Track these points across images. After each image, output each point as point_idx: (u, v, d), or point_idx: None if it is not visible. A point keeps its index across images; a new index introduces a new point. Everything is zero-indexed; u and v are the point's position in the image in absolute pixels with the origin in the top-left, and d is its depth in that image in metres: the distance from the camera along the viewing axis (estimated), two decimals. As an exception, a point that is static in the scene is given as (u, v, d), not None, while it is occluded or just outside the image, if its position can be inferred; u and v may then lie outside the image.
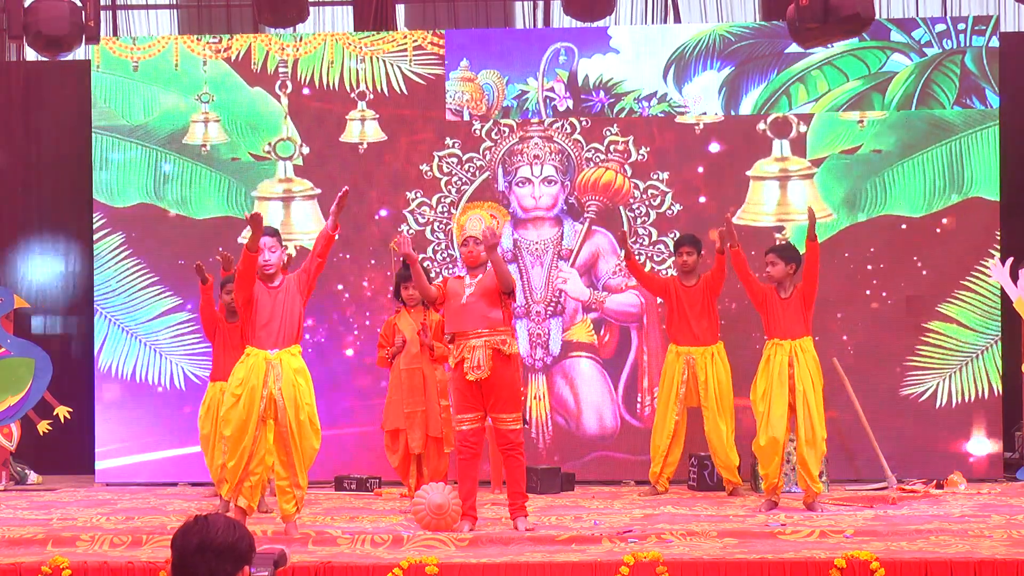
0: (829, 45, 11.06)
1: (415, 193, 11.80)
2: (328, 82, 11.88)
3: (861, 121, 11.55)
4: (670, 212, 11.68)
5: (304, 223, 11.89)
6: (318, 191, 11.85)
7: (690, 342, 10.66)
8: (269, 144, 11.91)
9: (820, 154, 11.59)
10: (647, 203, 11.70)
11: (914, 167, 11.54)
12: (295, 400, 8.37)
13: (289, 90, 11.92)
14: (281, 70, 11.94)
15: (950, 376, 11.46)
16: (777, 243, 10.87)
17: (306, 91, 11.87)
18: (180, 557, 4.10)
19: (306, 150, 11.88)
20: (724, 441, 10.52)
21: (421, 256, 11.45)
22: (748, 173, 11.66)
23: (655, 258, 11.67)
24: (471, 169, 11.75)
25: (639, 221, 11.70)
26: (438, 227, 11.82)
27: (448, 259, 11.73)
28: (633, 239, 11.64)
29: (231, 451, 8.35)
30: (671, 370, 10.71)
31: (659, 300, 11.29)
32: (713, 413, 10.56)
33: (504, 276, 8.53)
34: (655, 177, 11.69)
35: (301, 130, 11.88)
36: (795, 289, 9.60)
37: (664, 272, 11.55)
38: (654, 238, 11.70)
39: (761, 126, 11.62)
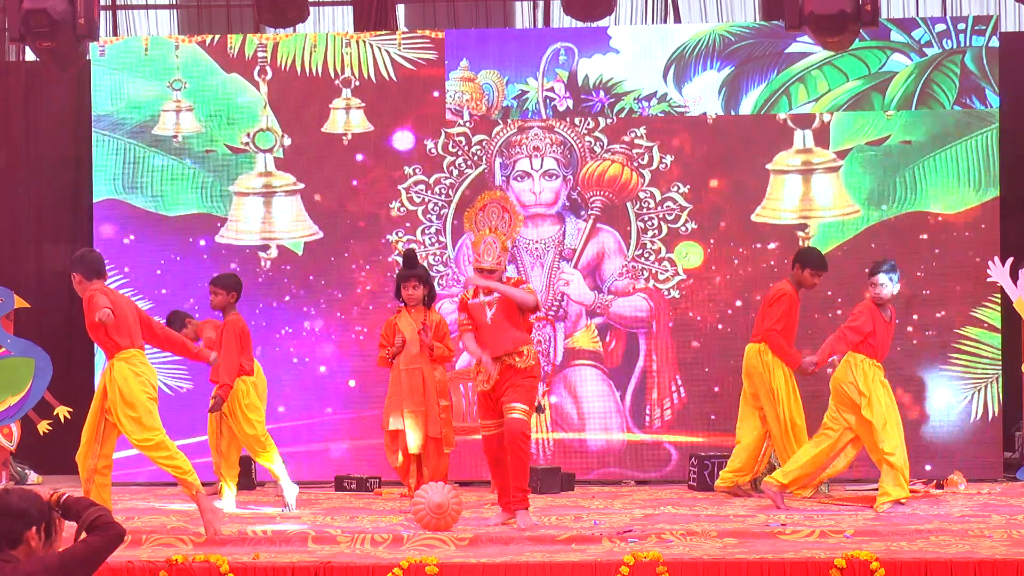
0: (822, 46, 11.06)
1: (414, 168, 11.65)
2: (311, 67, 11.76)
3: (888, 111, 11.49)
4: (684, 230, 11.57)
5: (285, 220, 11.70)
6: (301, 186, 11.71)
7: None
8: (247, 135, 11.77)
9: (844, 145, 11.48)
10: (661, 215, 11.57)
11: (946, 160, 11.46)
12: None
13: (268, 76, 11.74)
14: (260, 55, 11.73)
15: (986, 386, 11.35)
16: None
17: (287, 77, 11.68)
18: None
19: (288, 141, 11.73)
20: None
21: (414, 245, 11.39)
22: (768, 166, 11.56)
23: (659, 276, 11.55)
24: (473, 157, 11.66)
25: (650, 234, 11.56)
26: (432, 208, 11.69)
27: (439, 244, 11.64)
28: (639, 251, 11.51)
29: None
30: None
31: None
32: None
33: (522, 301, 8.64)
34: (675, 189, 11.57)
35: (281, 120, 11.69)
36: (892, 311, 9.73)
37: (667, 293, 11.43)
38: (662, 255, 11.57)
39: (782, 116, 11.52)
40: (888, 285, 9.54)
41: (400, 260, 11.02)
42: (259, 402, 10.12)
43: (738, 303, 11.45)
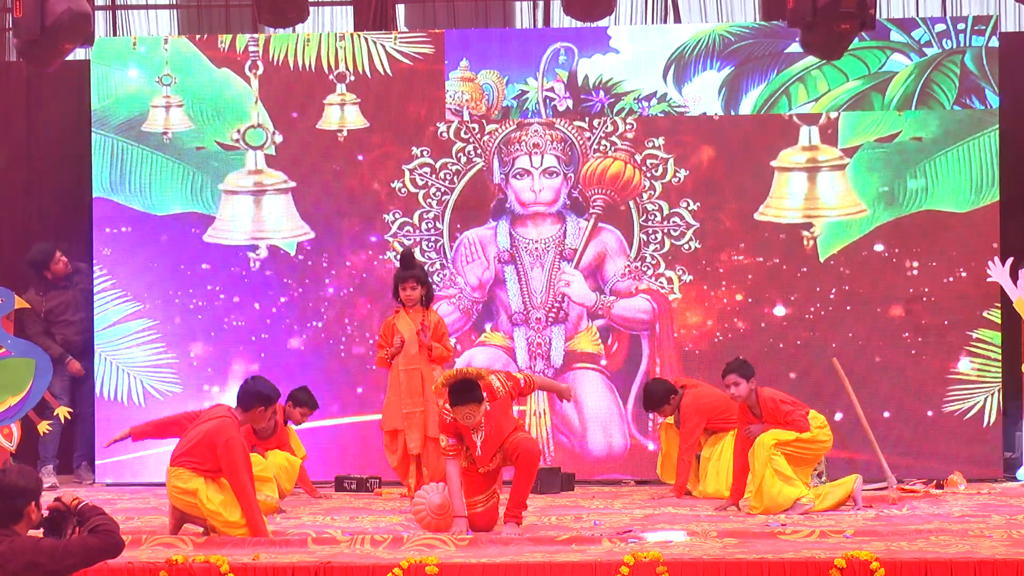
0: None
1: (422, 151, 11.58)
2: (304, 62, 11.71)
3: (901, 109, 11.47)
4: (687, 248, 11.54)
5: (276, 219, 11.62)
6: (292, 184, 11.64)
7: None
8: (237, 131, 11.67)
9: (853, 142, 11.43)
10: (666, 230, 11.53)
11: (946, 160, 11.41)
12: None
13: (260, 71, 11.66)
14: (251, 49, 11.66)
15: (997, 391, 11.30)
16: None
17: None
18: None
19: (279, 138, 11.67)
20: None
21: (409, 243, 11.38)
22: (773, 163, 11.51)
23: (659, 291, 11.49)
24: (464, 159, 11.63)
25: (651, 248, 11.49)
26: (434, 193, 11.62)
27: (435, 232, 11.61)
28: (638, 261, 11.47)
29: None
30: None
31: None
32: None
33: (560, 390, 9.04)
34: (684, 205, 11.52)
35: (273, 116, 11.61)
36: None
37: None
38: (660, 269, 11.51)
39: (789, 111, 11.45)
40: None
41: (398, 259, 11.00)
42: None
43: (738, 297, 11.43)
